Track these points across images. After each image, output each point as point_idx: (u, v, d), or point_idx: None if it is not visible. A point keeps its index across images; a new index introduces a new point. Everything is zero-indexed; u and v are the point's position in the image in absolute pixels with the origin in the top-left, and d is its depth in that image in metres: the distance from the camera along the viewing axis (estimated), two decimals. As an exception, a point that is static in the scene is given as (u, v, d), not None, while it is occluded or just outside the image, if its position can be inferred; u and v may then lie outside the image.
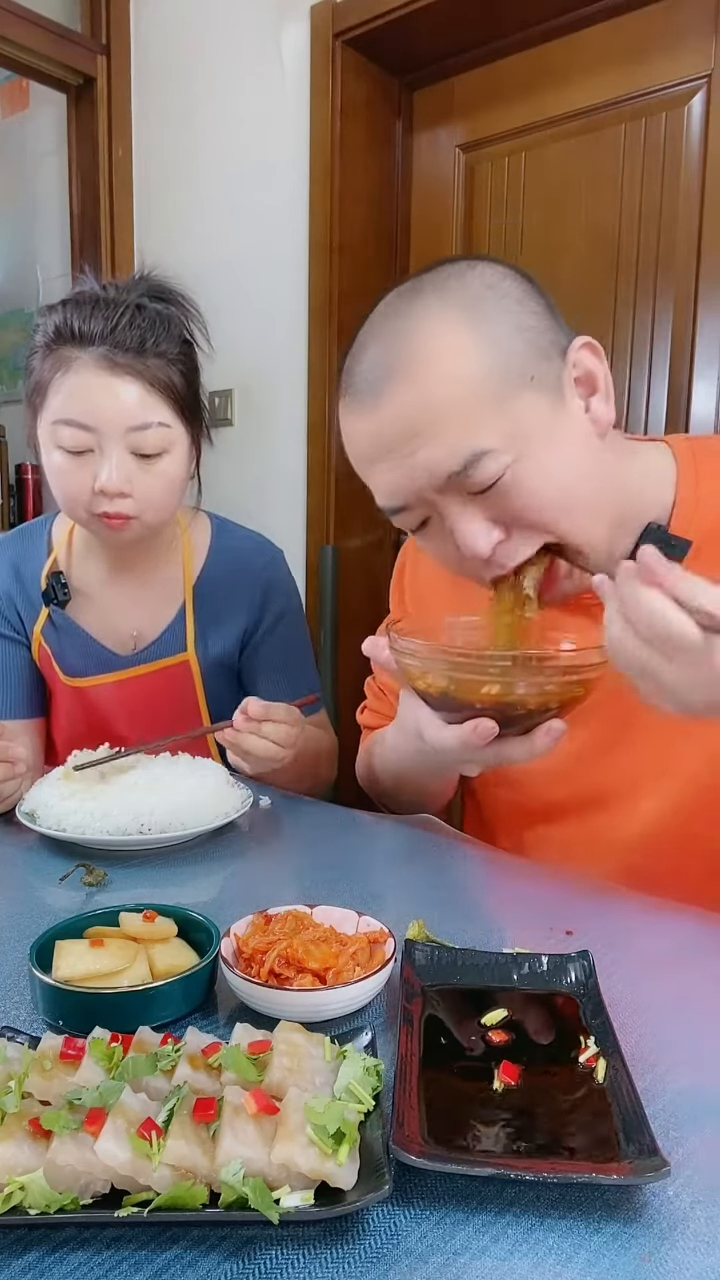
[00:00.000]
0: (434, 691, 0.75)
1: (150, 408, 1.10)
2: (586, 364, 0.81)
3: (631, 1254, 0.42)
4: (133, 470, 1.10)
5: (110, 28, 2.53)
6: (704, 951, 0.72)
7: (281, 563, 1.36)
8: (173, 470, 1.14)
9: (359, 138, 2.19)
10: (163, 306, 1.15)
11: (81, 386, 1.08)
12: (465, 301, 0.76)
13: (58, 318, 1.11)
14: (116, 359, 1.08)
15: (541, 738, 0.73)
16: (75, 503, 1.13)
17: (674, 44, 1.84)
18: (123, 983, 0.61)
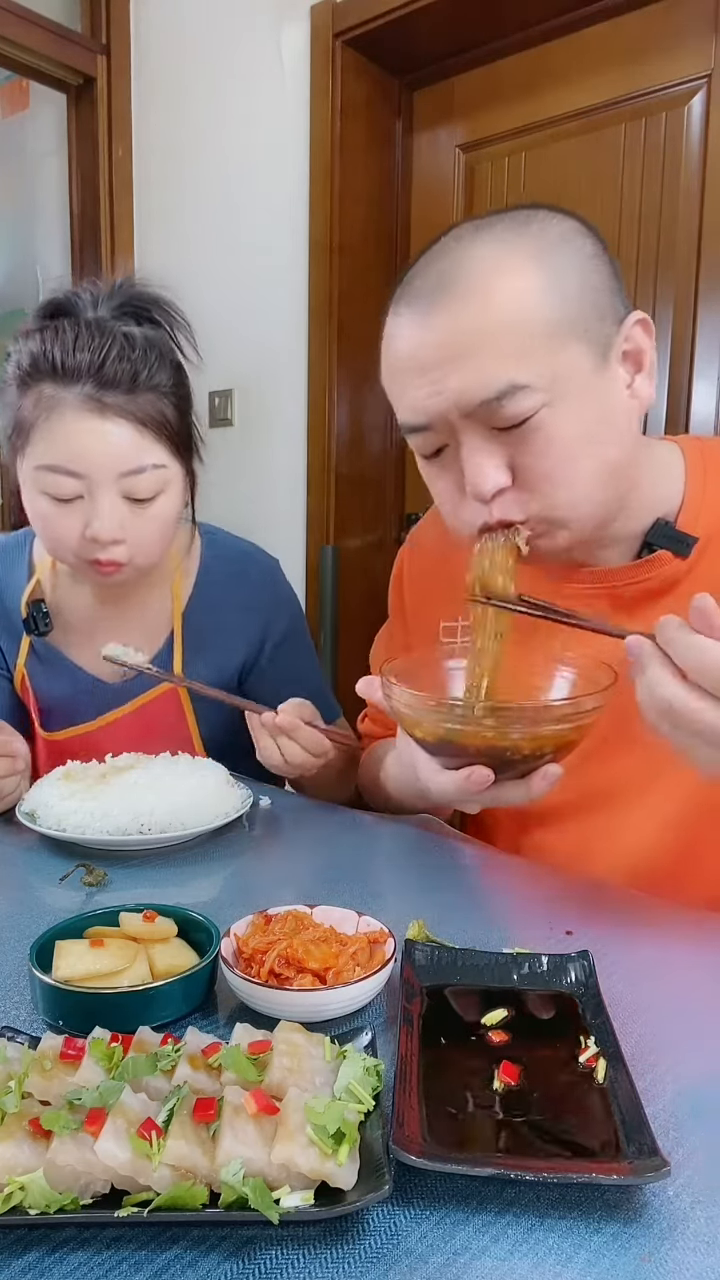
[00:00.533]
0: (429, 739, 0.75)
1: (144, 450, 1.02)
2: (638, 339, 0.80)
3: (631, 1254, 0.42)
4: (125, 516, 1.02)
5: (110, 28, 2.53)
6: (704, 951, 0.72)
7: (278, 577, 1.29)
8: (167, 511, 1.07)
9: (359, 138, 2.20)
10: (151, 329, 1.06)
11: (67, 431, 0.99)
12: (539, 242, 0.76)
13: (34, 346, 1.01)
14: (105, 399, 0.99)
15: (538, 782, 0.73)
16: (63, 549, 1.06)
17: (674, 44, 1.84)
18: (123, 983, 0.61)
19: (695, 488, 0.88)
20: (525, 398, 0.74)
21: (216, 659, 1.20)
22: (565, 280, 0.75)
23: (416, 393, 0.78)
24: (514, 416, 0.75)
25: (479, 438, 0.77)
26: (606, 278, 0.78)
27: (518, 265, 0.75)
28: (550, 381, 0.74)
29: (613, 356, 0.79)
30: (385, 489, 2.43)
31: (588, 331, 0.76)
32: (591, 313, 0.76)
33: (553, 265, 0.75)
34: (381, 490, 2.42)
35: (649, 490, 0.87)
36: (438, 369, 0.76)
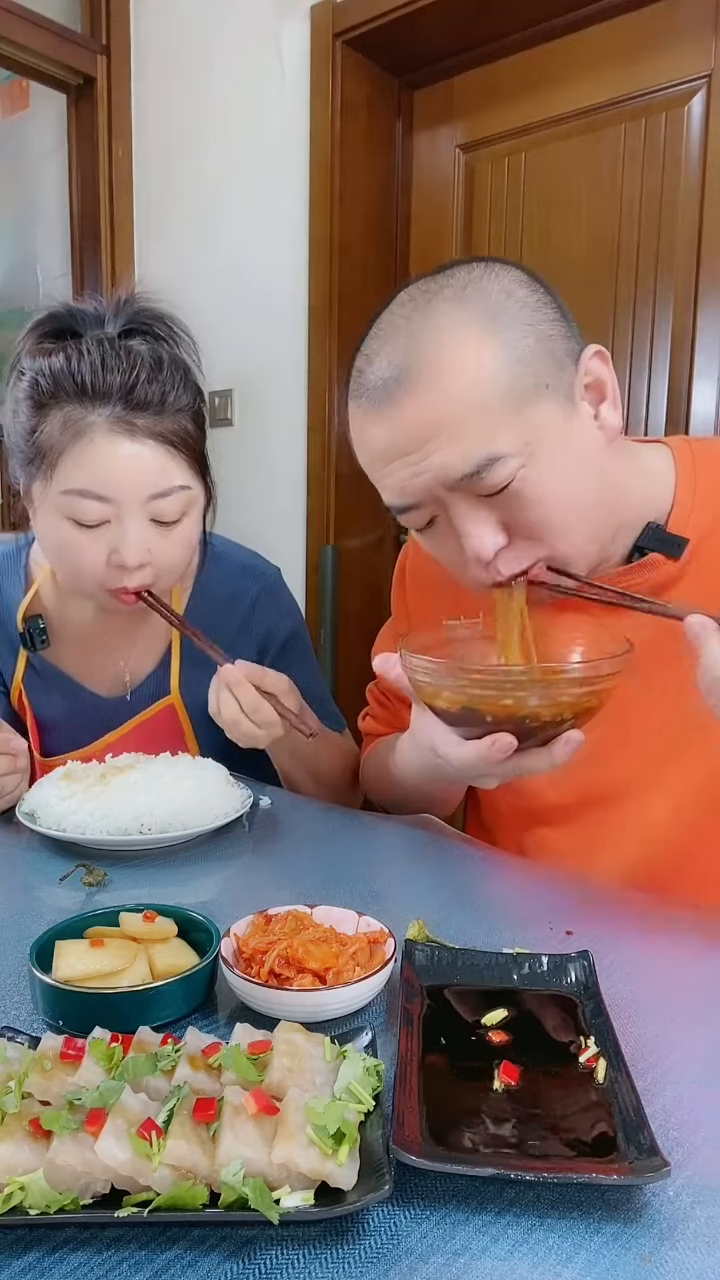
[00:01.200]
0: (451, 708, 0.75)
1: (172, 471, 1.00)
2: (596, 371, 0.81)
3: (631, 1254, 0.42)
4: (152, 538, 1.01)
5: (110, 28, 2.53)
6: (704, 951, 0.72)
7: (277, 587, 1.26)
8: (191, 533, 1.06)
9: (359, 137, 2.20)
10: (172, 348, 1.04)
11: (98, 455, 0.97)
12: (484, 308, 0.76)
13: (56, 366, 0.97)
14: (135, 420, 0.97)
15: (560, 748, 0.74)
16: (85, 577, 1.03)
17: (674, 44, 1.84)
18: (123, 983, 0.61)
19: (685, 490, 0.88)
20: (503, 466, 0.76)
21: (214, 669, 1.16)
22: (518, 342, 0.76)
23: (397, 478, 0.80)
24: (496, 484, 0.77)
25: (467, 506, 0.79)
26: (555, 323, 0.79)
27: (467, 337, 0.76)
28: (523, 445, 0.76)
29: (577, 398, 0.80)
30: (385, 489, 2.43)
31: (549, 384, 0.77)
32: (549, 363, 0.77)
33: (503, 330, 0.76)
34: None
35: (639, 498, 0.88)
36: (413, 453, 0.78)
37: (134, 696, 1.19)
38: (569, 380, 0.79)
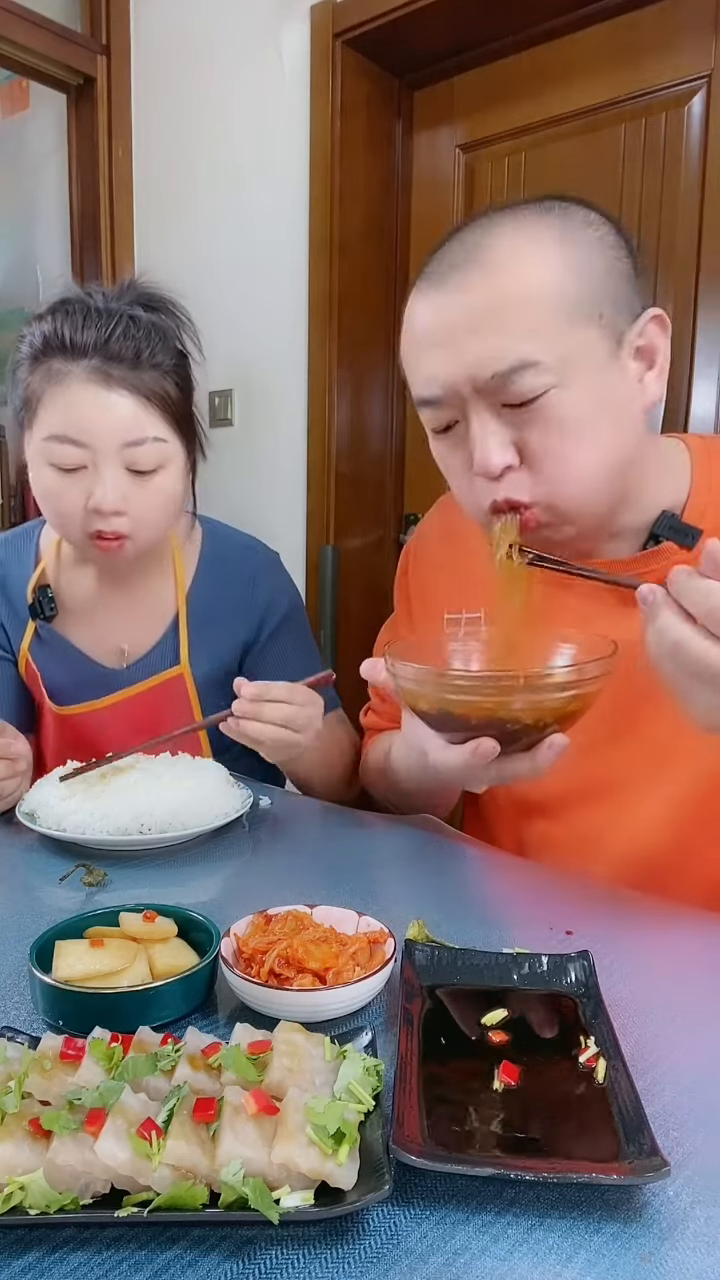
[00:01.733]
0: (432, 713, 0.75)
1: (145, 422, 1.05)
2: (652, 336, 0.81)
3: (631, 1254, 0.42)
4: (128, 487, 1.06)
5: (110, 28, 2.53)
6: (704, 951, 0.72)
7: (277, 565, 1.32)
8: (169, 486, 1.10)
9: (359, 137, 2.19)
10: (157, 316, 1.10)
11: (74, 401, 1.03)
12: (564, 225, 0.77)
13: (46, 327, 1.05)
14: (110, 371, 1.03)
15: (545, 753, 0.73)
16: (68, 522, 1.09)
17: (674, 44, 1.84)
18: (123, 983, 0.61)
19: (701, 482, 0.89)
20: (535, 375, 0.75)
21: (219, 640, 1.23)
22: (583, 263, 0.76)
23: (431, 364, 0.80)
24: (523, 393, 0.76)
25: (488, 414, 0.79)
26: (626, 269, 0.79)
27: (538, 245, 0.76)
28: (561, 361, 0.75)
29: (625, 348, 0.79)
30: (385, 489, 2.43)
31: (602, 318, 0.77)
32: (607, 299, 0.77)
33: (573, 248, 0.76)
34: (381, 490, 2.42)
35: (655, 485, 0.87)
36: (453, 341, 0.78)
37: (135, 669, 1.22)
38: (622, 327, 0.78)
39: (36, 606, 1.22)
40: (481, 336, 0.76)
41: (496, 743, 0.72)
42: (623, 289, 0.78)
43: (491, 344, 0.76)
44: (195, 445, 1.16)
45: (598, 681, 0.72)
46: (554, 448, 0.78)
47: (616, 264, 0.78)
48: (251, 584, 1.26)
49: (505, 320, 0.75)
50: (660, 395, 0.82)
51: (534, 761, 0.74)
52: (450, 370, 0.78)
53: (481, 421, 0.79)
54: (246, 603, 1.25)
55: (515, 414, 0.78)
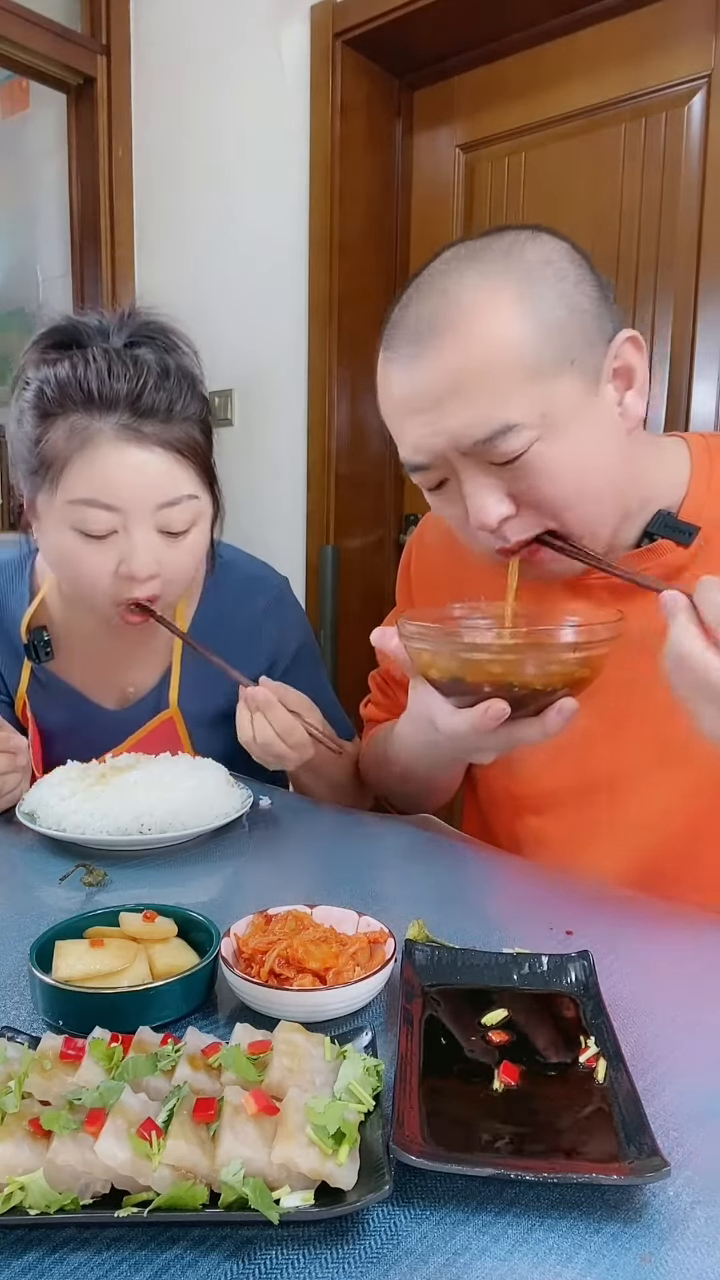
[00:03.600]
0: (444, 676, 0.75)
1: (179, 480, 0.99)
2: (628, 357, 0.81)
3: (631, 1254, 0.42)
4: (160, 549, 0.99)
5: (110, 28, 2.53)
6: (704, 951, 0.72)
7: (285, 599, 1.25)
8: (199, 543, 1.04)
9: (359, 137, 2.20)
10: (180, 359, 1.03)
11: (105, 464, 0.95)
12: (522, 273, 0.77)
13: (61, 374, 0.96)
14: (142, 428, 0.96)
15: (554, 717, 0.73)
16: (94, 589, 1.01)
17: (674, 44, 1.84)
18: (123, 983, 0.61)
19: (700, 481, 0.89)
20: (517, 436, 0.76)
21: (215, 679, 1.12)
22: (550, 313, 0.76)
23: (414, 433, 0.81)
24: (508, 453, 0.77)
25: (478, 472, 0.80)
26: (593, 301, 0.79)
27: (502, 302, 0.76)
28: (541, 417, 0.76)
29: (603, 378, 0.80)
30: (385, 489, 2.43)
31: (575, 362, 0.77)
32: (579, 341, 0.77)
33: (537, 297, 0.76)
34: (381, 490, 2.42)
35: (652, 486, 0.88)
36: (433, 411, 0.78)
37: (135, 709, 1.19)
38: (597, 360, 0.79)
39: (32, 649, 1.15)
40: (458, 405, 0.76)
41: (506, 705, 0.72)
42: (591, 325, 0.78)
43: (470, 414, 0.76)
44: (219, 492, 1.08)
45: (606, 645, 0.72)
46: (547, 493, 0.79)
47: (584, 298, 0.78)
48: (258, 623, 1.19)
49: (478, 389, 0.76)
50: (640, 414, 0.83)
51: (543, 726, 0.74)
52: (433, 438, 0.79)
53: (472, 481, 0.80)
54: (253, 642, 1.18)
55: (504, 469, 0.79)
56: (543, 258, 0.78)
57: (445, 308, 0.77)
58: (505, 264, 0.77)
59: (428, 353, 0.77)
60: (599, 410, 0.80)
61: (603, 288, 0.80)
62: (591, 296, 0.79)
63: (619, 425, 0.82)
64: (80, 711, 1.19)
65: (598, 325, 0.79)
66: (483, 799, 1.09)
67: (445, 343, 0.76)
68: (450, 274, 0.79)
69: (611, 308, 0.81)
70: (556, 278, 0.77)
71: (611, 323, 0.80)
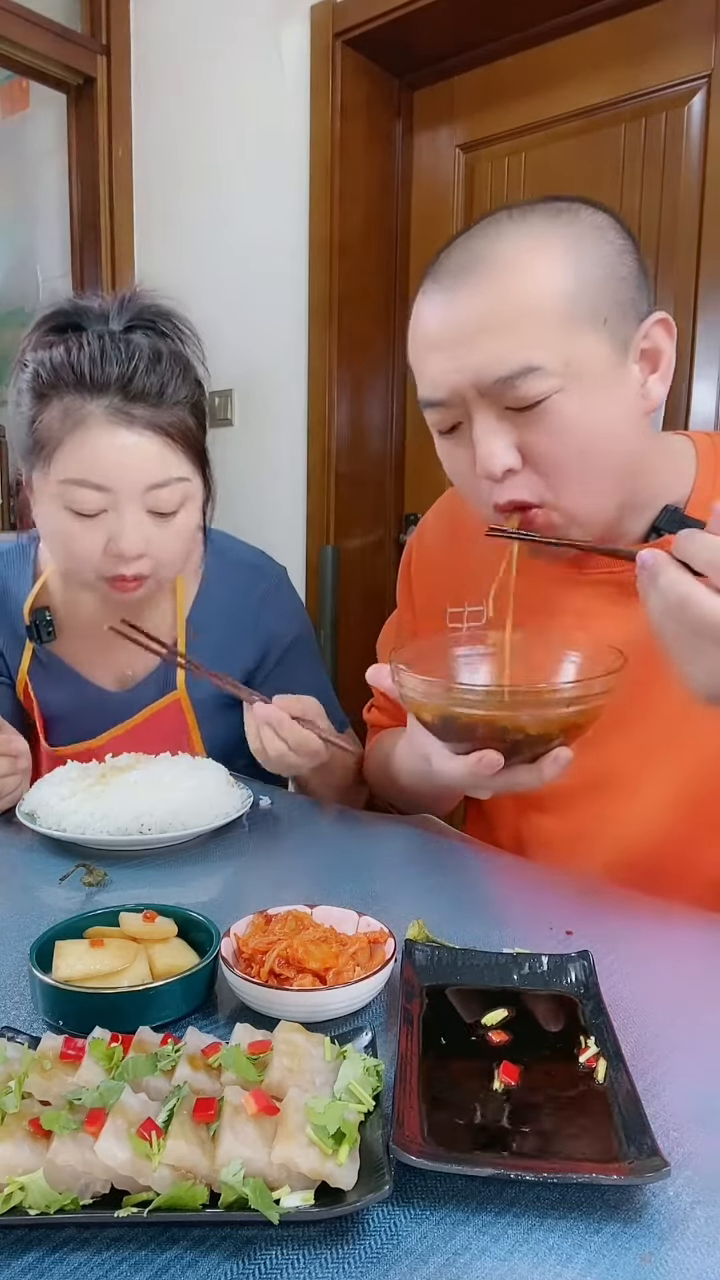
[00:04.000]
0: (437, 723, 0.75)
1: (170, 463, 1.01)
2: (657, 340, 0.81)
3: (631, 1254, 0.42)
4: (149, 529, 1.02)
5: (110, 28, 2.53)
6: (704, 952, 0.72)
7: (284, 586, 1.27)
8: (189, 525, 1.07)
9: (359, 137, 2.19)
10: (174, 344, 1.05)
11: (95, 444, 0.98)
12: (570, 231, 0.78)
13: (56, 357, 0.99)
14: (133, 411, 0.98)
15: (549, 766, 0.74)
16: (83, 565, 1.04)
17: (674, 44, 1.84)
18: (123, 983, 0.61)
19: (706, 477, 0.89)
20: (539, 380, 0.76)
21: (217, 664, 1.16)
22: (590, 269, 0.76)
23: (437, 367, 0.80)
24: (527, 397, 0.76)
25: (492, 417, 0.79)
26: (633, 273, 0.79)
27: (544, 251, 0.77)
28: (564, 366, 0.76)
29: (630, 353, 0.80)
30: (385, 489, 2.43)
31: (608, 323, 0.77)
32: (613, 305, 0.77)
33: (580, 253, 0.77)
34: (381, 490, 2.42)
35: (660, 482, 0.88)
36: (458, 345, 0.78)
37: (137, 691, 1.20)
38: (627, 332, 0.79)
39: (34, 629, 1.17)
40: (486, 341, 0.76)
41: (500, 756, 0.72)
42: (628, 294, 0.78)
43: (495, 349, 0.76)
44: (210, 476, 1.11)
45: (604, 696, 0.71)
46: (557, 451, 0.79)
47: (622, 269, 0.78)
48: (256, 611, 1.22)
49: (510, 326, 0.76)
50: (660, 399, 0.82)
51: (539, 773, 0.74)
52: (454, 374, 0.79)
53: (485, 424, 0.79)
54: (250, 629, 1.21)
55: (519, 417, 0.78)
56: (593, 223, 0.79)
57: (487, 248, 0.78)
58: (554, 220, 0.78)
59: (463, 289, 0.78)
60: (622, 383, 0.80)
61: (643, 265, 0.81)
62: (632, 268, 0.79)
63: (639, 405, 0.81)
64: (81, 693, 1.20)
65: (633, 297, 0.79)
66: (485, 799, 1.09)
67: (481, 279, 0.77)
68: (500, 223, 0.80)
69: (649, 288, 0.81)
70: (604, 242, 0.78)
71: (646, 301, 0.81)
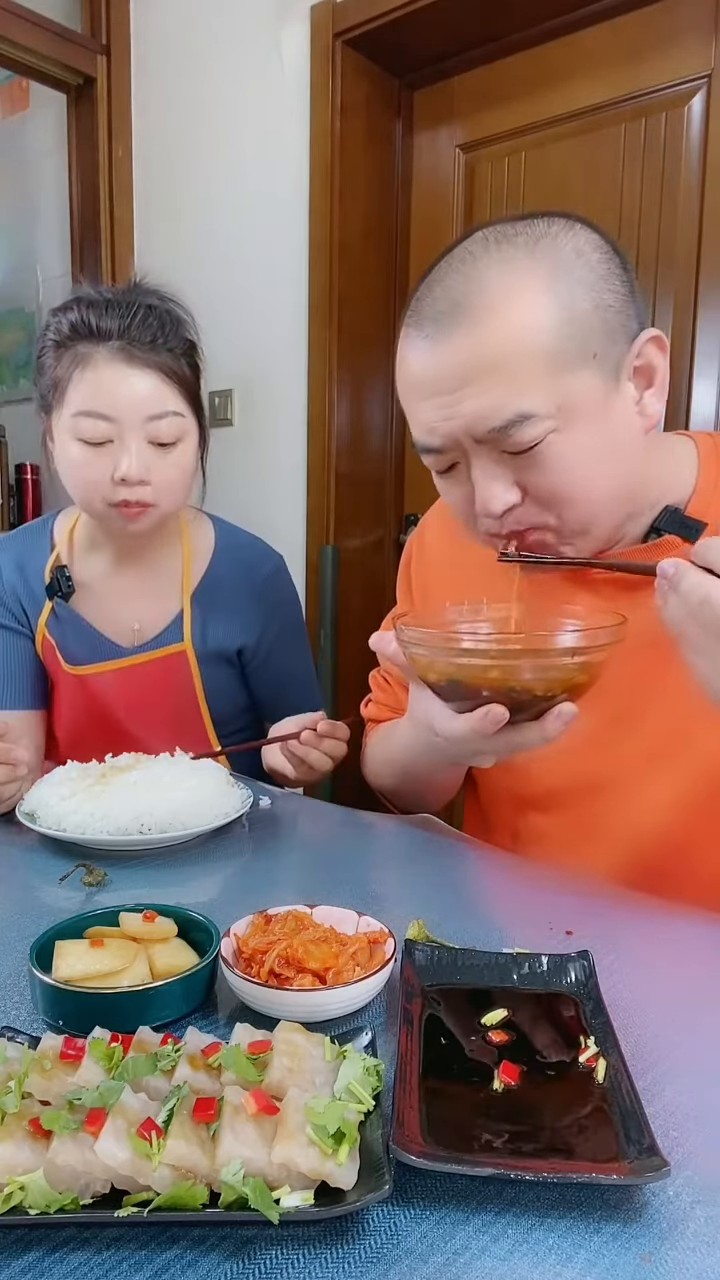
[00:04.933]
0: (442, 681, 0.75)
1: (166, 397, 1.15)
2: (650, 357, 0.81)
3: (631, 1254, 0.42)
4: (151, 459, 1.15)
5: (110, 28, 2.53)
6: (704, 952, 0.72)
7: (284, 572, 1.38)
8: (186, 459, 1.19)
9: (359, 137, 2.19)
10: (169, 306, 1.20)
11: (101, 379, 1.12)
12: (551, 263, 0.76)
13: (73, 316, 1.15)
14: (134, 351, 1.13)
15: (553, 722, 0.73)
16: (94, 493, 1.16)
17: (674, 44, 1.84)
18: (123, 983, 0.61)
19: (708, 478, 0.89)
20: (533, 426, 0.75)
21: (221, 627, 1.30)
22: (576, 304, 0.75)
23: (428, 415, 0.80)
24: (522, 443, 0.76)
25: (489, 460, 0.79)
26: (619, 297, 0.78)
27: (528, 290, 0.75)
28: (558, 409, 0.76)
29: (623, 375, 0.79)
30: (385, 489, 2.43)
31: (597, 356, 0.76)
32: (602, 335, 0.76)
33: (564, 288, 0.75)
34: (381, 490, 2.42)
35: (660, 484, 0.88)
36: (449, 394, 0.77)
37: (145, 646, 1.29)
38: (618, 356, 0.78)
39: (55, 585, 1.28)
40: (476, 392, 0.76)
41: (505, 710, 0.71)
42: (615, 320, 0.77)
43: (486, 400, 0.76)
44: (205, 424, 1.24)
45: (606, 649, 0.71)
46: (556, 486, 0.79)
47: (608, 295, 0.77)
48: (263, 586, 1.33)
49: (498, 375, 0.75)
50: (658, 414, 0.82)
51: (543, 730, 0.73)
52: (448, 423, 0.79)
53: (482, 468, 0.80)
54: (251, 608, 1.31)
55: (516, 458, 0.78)
56: (574, 249, 0.77)
57: (468, 291, 0.76)
58: (534, 252, 0.76)
59: (448, 335, 0.76)
60: (617, 407, 0.79)
61: (631, 284, 0.80)
62: (618, 293, 0.78)
63: (636, 424, 0.81)
64: (95, 646, 1.29)
65: (622, 322, 0.78)
66: (483, 796, 1.09)
67: (466, 327, 0.76)
68: (480, 256, 0.78)
69: (638, 304, 0.80)
70: (585, 269, 0.76)
71: (636, 320, 0.80)
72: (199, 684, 1.29)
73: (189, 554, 1.30)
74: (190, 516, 1.34)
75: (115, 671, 1.28)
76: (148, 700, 1.28)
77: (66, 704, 1.32)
